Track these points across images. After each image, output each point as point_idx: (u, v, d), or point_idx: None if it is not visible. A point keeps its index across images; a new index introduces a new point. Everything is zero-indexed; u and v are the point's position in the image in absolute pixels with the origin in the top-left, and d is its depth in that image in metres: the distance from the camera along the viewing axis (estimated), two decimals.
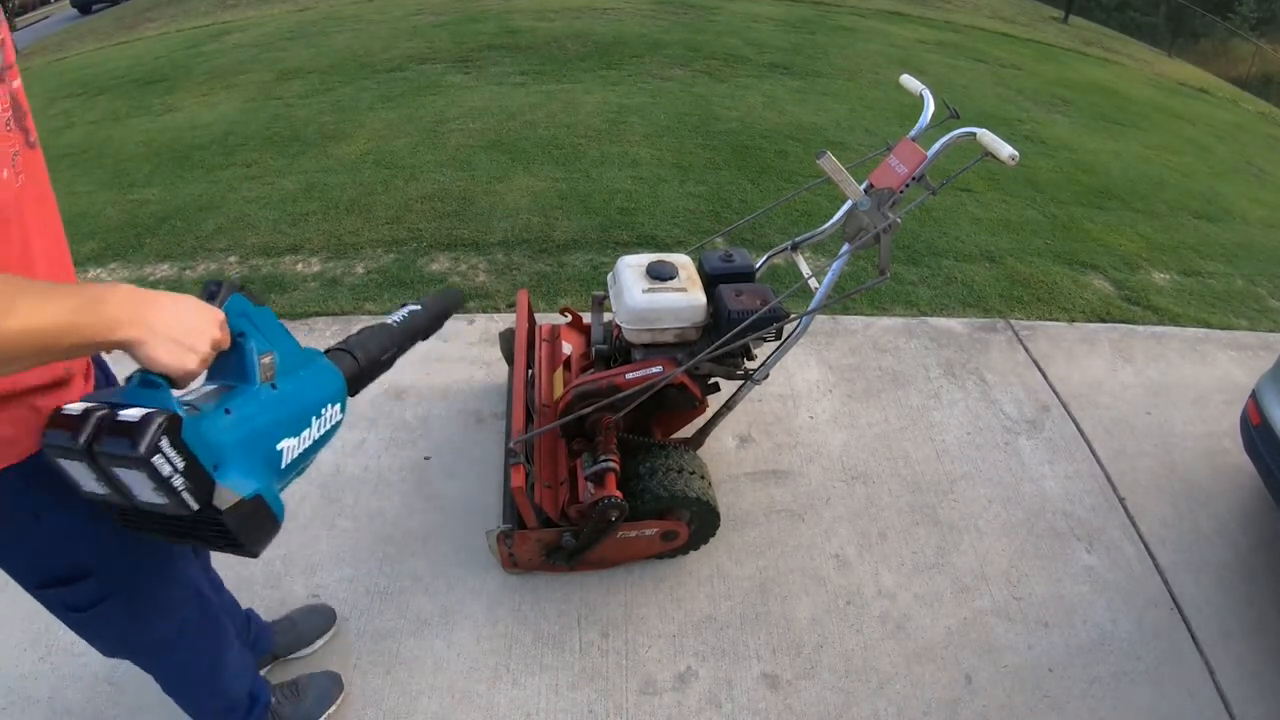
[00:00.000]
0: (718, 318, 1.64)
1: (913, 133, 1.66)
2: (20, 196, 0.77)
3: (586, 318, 1.99)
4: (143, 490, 0.66)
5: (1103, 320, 3.00)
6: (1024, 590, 1.86)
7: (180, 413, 0.67)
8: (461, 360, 2.42)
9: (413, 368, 2.35)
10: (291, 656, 1.58)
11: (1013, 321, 2.88)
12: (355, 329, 1.01)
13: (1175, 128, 6.62)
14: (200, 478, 0.68)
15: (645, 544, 1.70)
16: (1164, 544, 2.02)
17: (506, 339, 2.07)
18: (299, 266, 2.98)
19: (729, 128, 4.48)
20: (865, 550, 1.91)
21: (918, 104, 1.74)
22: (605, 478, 1.55)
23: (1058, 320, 2.95)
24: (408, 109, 4.65)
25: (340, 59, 5.86)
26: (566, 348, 1.97)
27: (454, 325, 2.58)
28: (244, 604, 1.46)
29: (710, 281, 1.70)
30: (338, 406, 0.89)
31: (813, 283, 1.70)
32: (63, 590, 0.95)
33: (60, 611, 0.99)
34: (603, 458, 1.58)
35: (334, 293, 2.77)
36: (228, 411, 0.74)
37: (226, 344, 0.76)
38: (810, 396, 2.38)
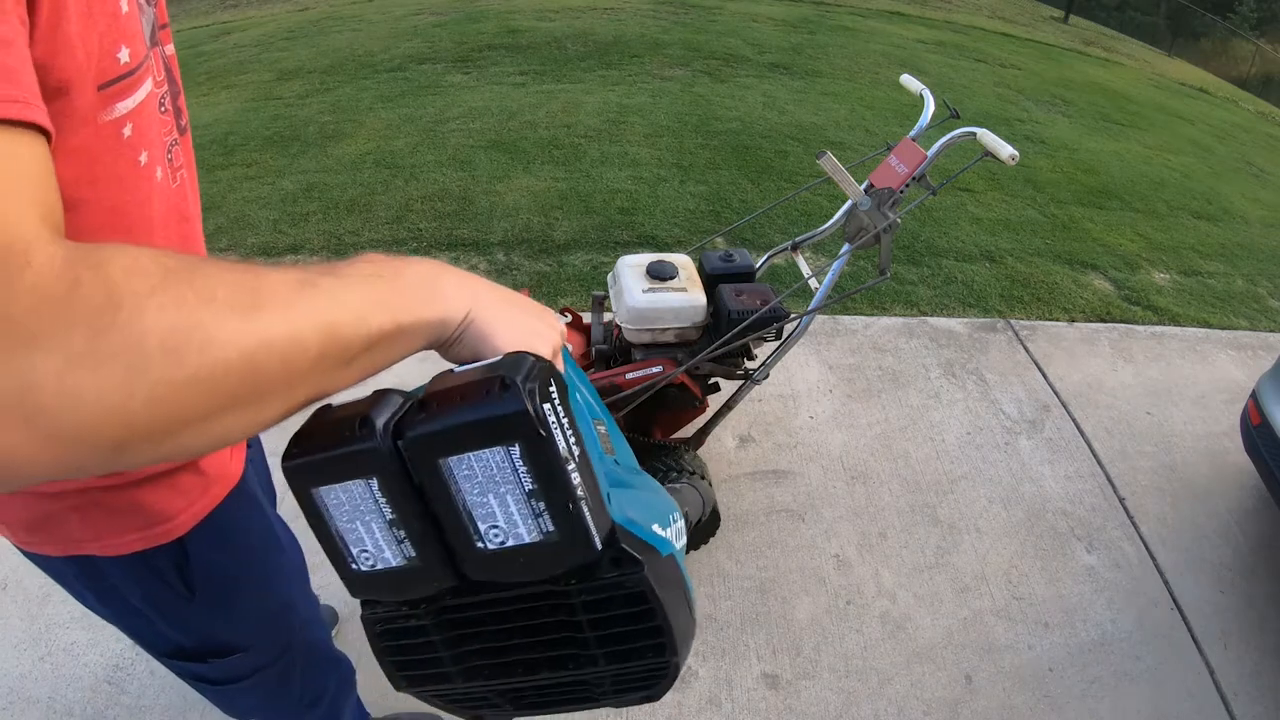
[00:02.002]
0: (718, 317, 1.64)
1: (913, 132, 1.66)
2: (180, 202, 0.60)
3: (586, 318, 1.99)
4: (499, 504, 0.37)
5: (1103, 320, 3.00)
6: (1024, 590, 1.86)
7: (560, 370, 0.41)
8: None
9: (414, 367, 2.34)
10: None
11: (1013, 321, 2.88)
12: None
13: (1175, 128, 6.62)
14: (597, 489, 0.40)
15: None
16: (1164, 544, 2.02)
17: None
18: None
19: (729, 128, 4.47)
20: (865, 550, 1.91)
21: (918, 104, 1.75)
22: None
23: (1058, 320, 2.95)
24: (408, 109, 4.64)
25: (340, 59, 5.85)
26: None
27: None
28: None
29: (710, 281, 1.70)
30: (681, 523, 0.60)
31: (813, 283, 1.70)
32: (203, 666, 0.79)
33: (190, 680, 0.84)
34: None
35: None
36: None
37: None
38: (810, 396, 2.38)
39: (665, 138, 4.25)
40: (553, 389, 0.37)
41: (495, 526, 0.37)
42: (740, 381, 1.74)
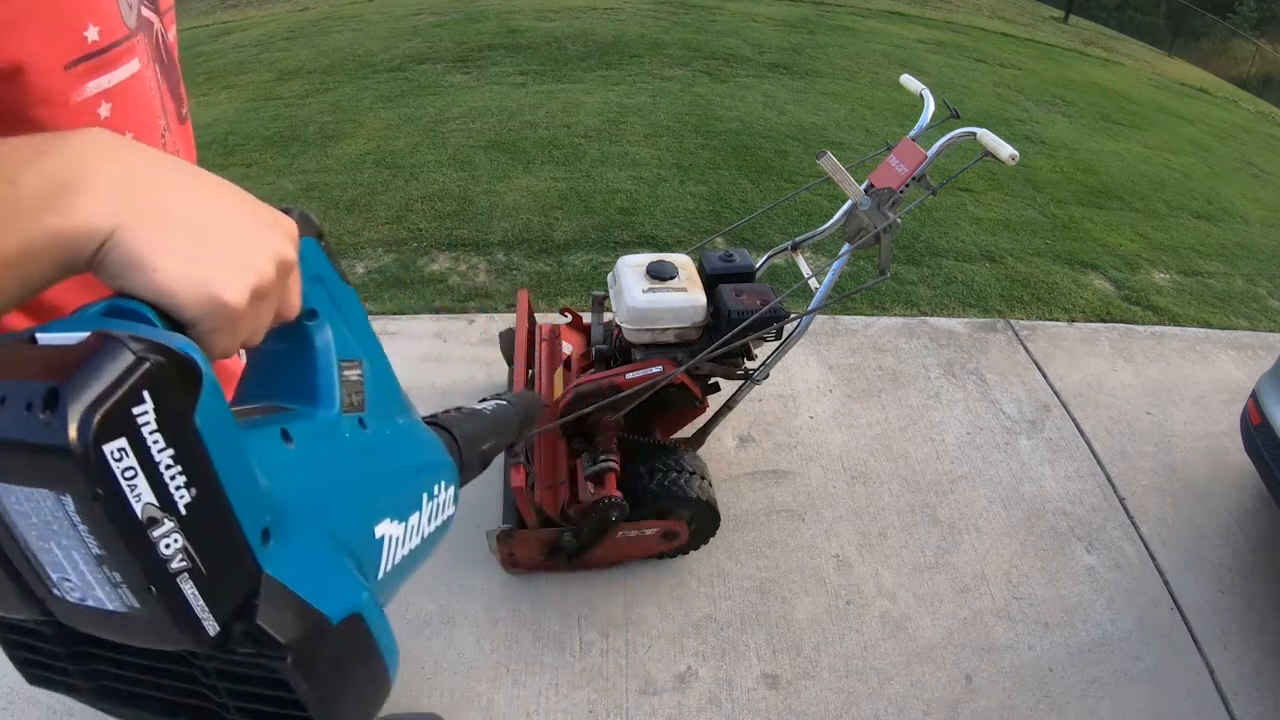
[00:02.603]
0: (718, 317, 1.64)
1: (913, 133, 1.66)
2: None
3: (586, 318, 1.99)
4: (65, 558, 0.25)
5: (1103, 320, 3.00)
6: (1024, 590, 1.86)
7: (201, 363, 0.27)
8: (461, 360, 2.41)
9: (413, 368, 2.35)
10: None
11: (1013, 321, 2.88)
12: None
13: (1175, 128, 6.62)
14: (230, 543, 0.28)
15: (645, 544, 1.70)
16: (1164, 544, 2.02)
17: (506, 339, 2.07)
18: None
19: (729, 128, 4.47)
20: (865, 550, 1.91)
21: (918, 104, 1.75)
22: (605, 478, 1.55)
23: (1058, 320, 2.95)
24: (408, 109, 4.64)
25: (340, 59, 5.85)
26: (566, 347, 1.97)
27: (453, 325, 2.58)
28: None
29: (710, 281, 1.70)
30: (451, 491, 0.49)
31: (813, 283, 1.70)
32: None
33: None
34: (603, 457, 1.58)
35: None
36: (287, 437, 0.34)
37: (293, 307, 0.36)
38: (810, 396, 2.38)
39: (665, 138, 4.25)
40: (142, 410, 0.24)
41: (67, 579, 0.26)
42: (740, 381, 1.74)
